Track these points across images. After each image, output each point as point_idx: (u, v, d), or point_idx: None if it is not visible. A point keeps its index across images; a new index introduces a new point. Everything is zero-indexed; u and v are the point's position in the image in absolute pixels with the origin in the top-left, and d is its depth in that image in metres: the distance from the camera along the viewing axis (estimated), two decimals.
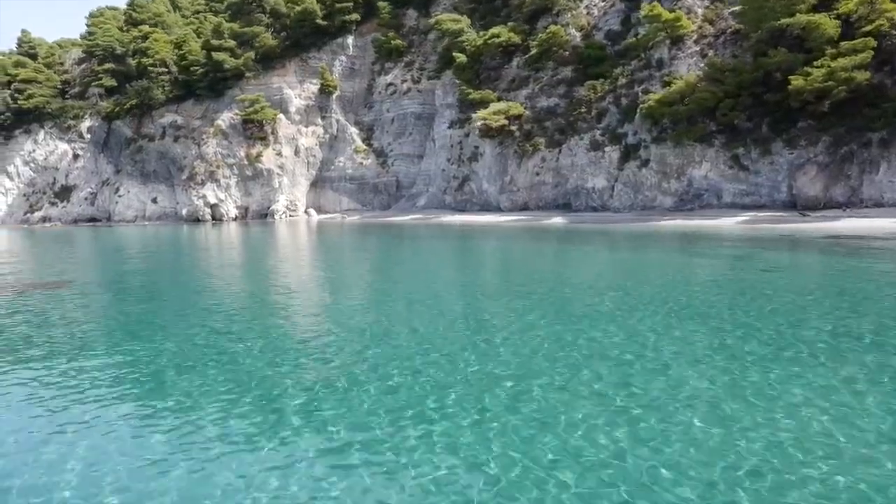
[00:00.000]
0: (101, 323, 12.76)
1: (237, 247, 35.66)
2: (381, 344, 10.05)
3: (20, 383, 8.47)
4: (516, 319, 11.56)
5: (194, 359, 9.36)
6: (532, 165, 51.75)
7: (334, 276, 20.23)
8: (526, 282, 17.09)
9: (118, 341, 10.97)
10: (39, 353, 10.21)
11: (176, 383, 8.30)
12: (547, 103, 53.24)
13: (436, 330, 10.88)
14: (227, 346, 10.18)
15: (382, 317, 12.31)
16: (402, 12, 74.07)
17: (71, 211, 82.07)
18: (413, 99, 69.58)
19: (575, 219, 43.03)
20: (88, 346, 10.54)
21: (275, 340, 10.58)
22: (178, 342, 10.47)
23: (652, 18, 43.04)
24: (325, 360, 9.08)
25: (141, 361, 9.33)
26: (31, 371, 9.06)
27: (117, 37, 79.82)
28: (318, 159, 74.04)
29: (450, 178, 60.43)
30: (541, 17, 59.03)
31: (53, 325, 12.31)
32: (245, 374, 8.53)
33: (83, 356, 9.78)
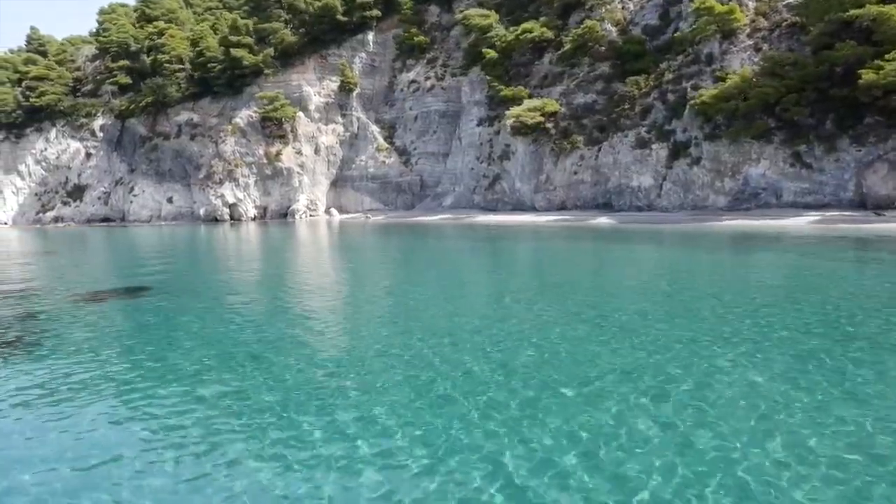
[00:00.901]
0: (223, 337, 10.66)
1: (272, 250, 33.47)
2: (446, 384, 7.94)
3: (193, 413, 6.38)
4: (609, 357, 9.24)
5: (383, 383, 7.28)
6: (570, 164, 49.70)
7: (394, 288, 18.02)
8: (600, 295, 14.90)
9: (249, 359, 8.88)
10: (210, 387, 8.10)
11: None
12: (584, 100, 51.19)
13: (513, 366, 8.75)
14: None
15: (451, 349, 10.22)
16: (423, 8, 71.86)
17: (84, 211, 79.59)
18: (437, 96, 67.41)
19: (623, 218, 40.99)
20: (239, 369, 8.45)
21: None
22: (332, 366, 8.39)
23: (703, 11, 40.99)
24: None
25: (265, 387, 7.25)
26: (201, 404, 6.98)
27: (132, 33, 77.32)
28: (338, 158, 71.81)
29: (479, 176, 58.32)
30: (573, 13, 57.01)
31: (208, 342, 10.20)
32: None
33: (246, 377, 7.65)
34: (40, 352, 10.10)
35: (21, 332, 11.62)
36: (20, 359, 9.68)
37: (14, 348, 10.42)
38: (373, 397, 7.32)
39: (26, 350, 10.38)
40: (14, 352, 10.14)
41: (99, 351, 10.02)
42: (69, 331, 11.76)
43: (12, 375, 8.83)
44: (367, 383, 7.85)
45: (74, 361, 9.41)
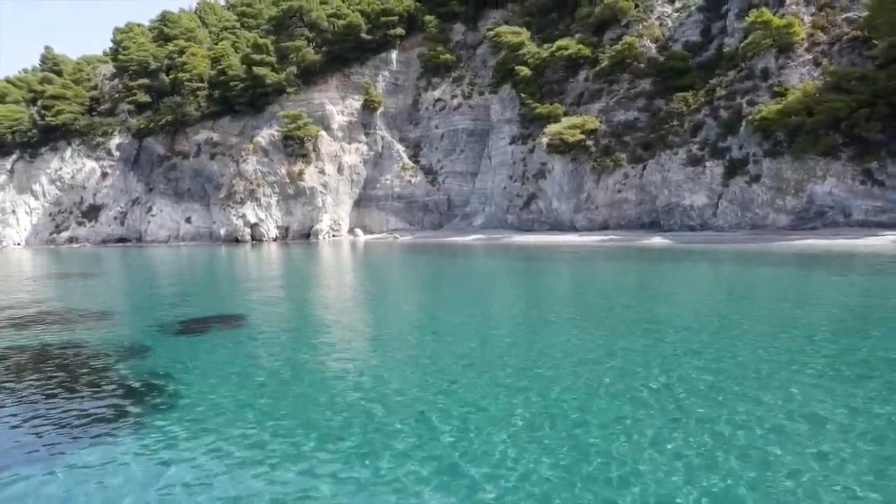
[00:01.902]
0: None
1: (319, 274, 31.23)
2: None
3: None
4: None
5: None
6: (612, 182, 47.78)
7: (473, 323, 15.77)
8: (694, 325, 12.66)
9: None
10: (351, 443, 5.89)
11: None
12: (625, 117, 49.46)
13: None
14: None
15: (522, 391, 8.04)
16: (448, 27, 70.52)
17: (100, 231, 77.26)
18: (464, 115, 65.75)
19: (677, 238, 38.90)
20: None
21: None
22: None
23: (758, 26, 39.38)
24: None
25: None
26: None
27: (152, 51, 75.72)
28: (361, 177, 69.85)
29: (512, 196, 56.34)
30: (607, 30, 55.59)
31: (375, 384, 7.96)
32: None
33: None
34: (186, 407, 7.84)
35: (145, 377, 9.35)
36: (171, 421, 7.41)
37: (152, 404, 8.14)
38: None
39: (170, 405, 8.11)
40: (157, 409, 7.86)
41: (262, 410, 7.75)
42: (198, 377, 9.49)
43: (192, 449, 6.60)
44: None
45: (241, 420, 7.15)
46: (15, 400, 8.50)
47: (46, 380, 9.69)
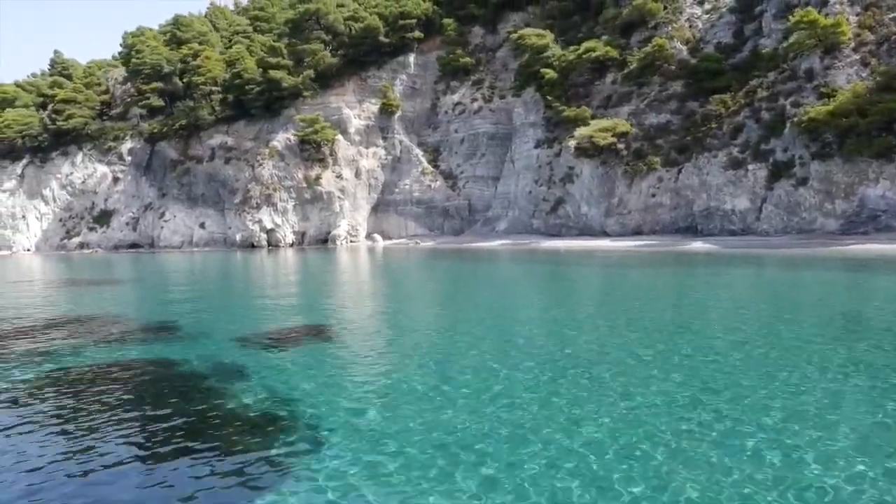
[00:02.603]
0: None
1: (356, 278, 29.69)
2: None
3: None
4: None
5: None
6: (646, 186, 46.40)
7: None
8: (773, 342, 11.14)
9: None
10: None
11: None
12: (657, 120, 48.15)
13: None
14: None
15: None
16: (467, 30, 69.32)
17: (111, 237, 75.60)
18: (485, 118, 64.42)
19: (720, 243, 37.42)
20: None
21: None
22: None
23: (804, 25, 38.09)
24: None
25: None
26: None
27: (165, 55, 74.30)
28: (379, 182, 68.38)
29: (538, 200, 54.89)
30: (634, 32, 54.35)
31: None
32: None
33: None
34: (335, 440, 6.29)
35: (266, 404, 7.77)
36: (332, 461, 5.85)
37: (295, 439, 6.58)
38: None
39: (314, 439, 6.57)
40: (305, 447, 6.30)
41: (423, 435, 6.21)
42: (326, 398, 7.94)
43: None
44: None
45: (409, 447, 5.60)
46: (130, 441, 6.96)
47: (155, 408, 8.16)
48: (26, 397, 8.89)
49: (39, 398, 8.82)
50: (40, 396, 8.91)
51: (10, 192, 77.95)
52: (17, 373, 10.32)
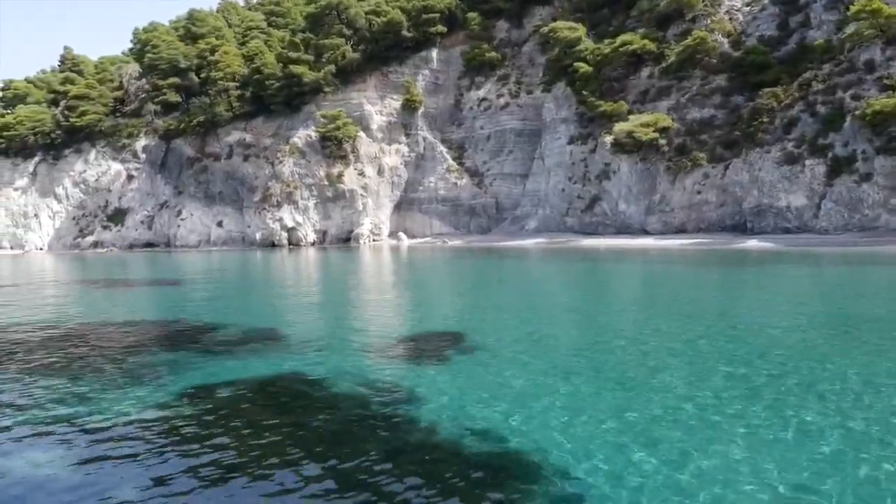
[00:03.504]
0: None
1: (427, 277, 27.87)
2: None
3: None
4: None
5: None
6: (691, 183, 44.67)
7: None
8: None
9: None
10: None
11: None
12: (699, 115, 46.43)
13: None
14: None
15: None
16: (491, 24, 67.40)
17: (126, 235, 73.54)
18: (512, 114, 62.57)
19: (778, 241, 35.69)
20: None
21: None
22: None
23: (865, 15, 36.39)
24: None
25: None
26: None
27: (182, 50, 72.24)
28: (402, 180, 66.47)
29: (572, 198, 53.11)
30: (671, 25, 52.63)
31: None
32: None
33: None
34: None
35: (476, 444, 5.96)
36: None
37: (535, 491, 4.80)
38: None
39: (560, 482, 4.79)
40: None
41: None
42: (534, 427, 6.14)
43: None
44: None
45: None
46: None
47: (338, 446, 6.38)
48: (185, 425, 7.05)
49: (197, 432, 6.97)
50: (194, 430, 7.06)
51: (23, 190, 75.88)
52: (156, 394, 8.47)
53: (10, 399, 8.59)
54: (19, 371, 10.26)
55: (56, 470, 5.97)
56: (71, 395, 8.62)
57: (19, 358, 11.38)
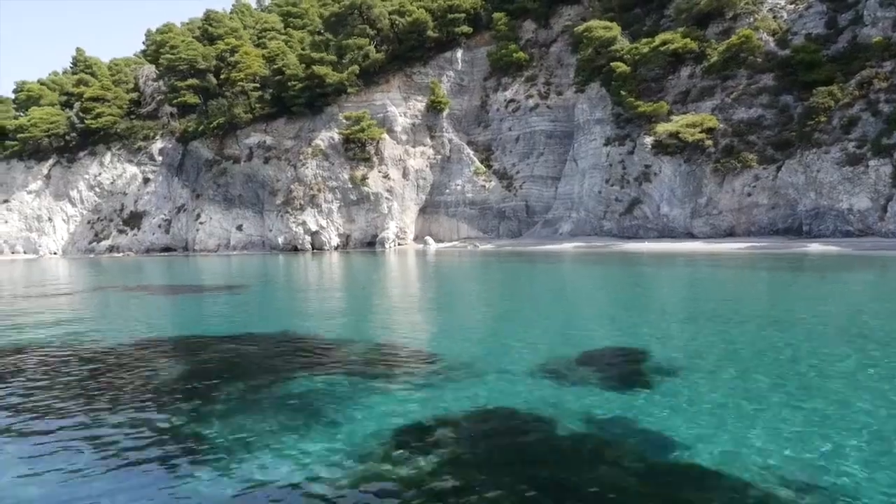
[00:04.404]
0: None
1: (532, 286, 26.00)
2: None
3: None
4: None
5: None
6: (740, 185, 42.97)
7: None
8: None
9: None
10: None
11: None
12: (747, 115, 44.76)
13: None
14: None
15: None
16: (518, 24, 65.72)
17: (143, 240, 71.55)
18: (542, 116, 60.84)
19: (842, 245, 33.96)
20: None
21: None
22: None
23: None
24: None
25: None
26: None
27: (201, 51, 70.37)
28: (428, 182, 64.64)
29: (609, 200, 51.36)
30: (711, 23, 51.03)
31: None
32: None
33: None
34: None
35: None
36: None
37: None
38: None
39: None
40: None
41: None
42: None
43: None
44: None
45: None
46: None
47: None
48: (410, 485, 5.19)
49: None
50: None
51: (36, 193, 73.94)
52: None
53: (168, 449, 6.71)
54: (143, 407, 8.37)
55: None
56: (224, 442, 6.74)
57: (126, 385, 9.48)
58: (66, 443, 6.94)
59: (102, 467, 6.26)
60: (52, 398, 8.83)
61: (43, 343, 13.18)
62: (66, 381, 9.88)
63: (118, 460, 6.42)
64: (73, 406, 8.40)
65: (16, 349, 12.59)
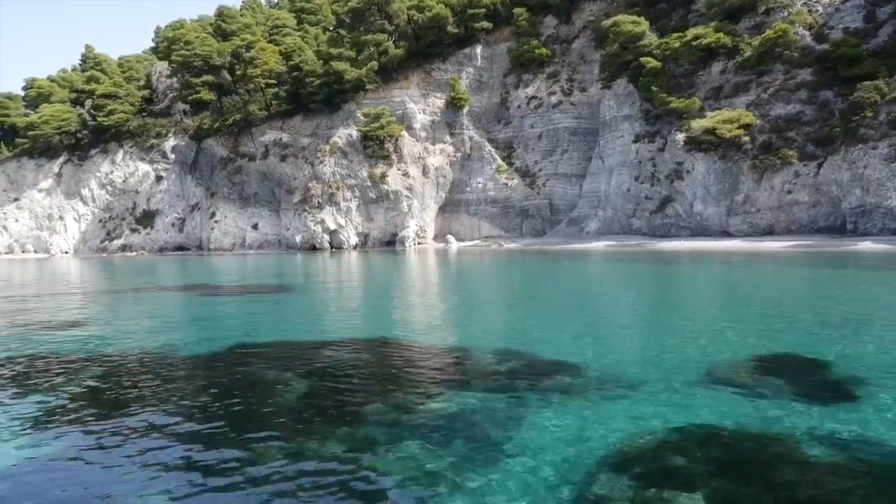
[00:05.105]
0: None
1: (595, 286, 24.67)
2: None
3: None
4: None
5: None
6: (779, 182, 41.73)
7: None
8: None
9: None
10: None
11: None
12: (785, 111, 43.51)
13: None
14: None
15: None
16: (539, 20, 64.39)
17: (156, 238, 70.10)
18: (566, 112, 59.53)
19: (894, 243, 32.76)
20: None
21: None
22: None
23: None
24: None
25: None
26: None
27: (216, 47, 68.88)
28: (448, 180, 63.27)
29: (639, 198, 50.10)
30: (742, 17, 49.76)
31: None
32: None
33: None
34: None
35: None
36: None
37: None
38: None
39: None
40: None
41: None
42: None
43: None
44: None
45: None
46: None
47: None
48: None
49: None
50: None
51: (47, 191, 72.41)
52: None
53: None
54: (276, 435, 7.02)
55: None
56: (390, 473, 5.42)
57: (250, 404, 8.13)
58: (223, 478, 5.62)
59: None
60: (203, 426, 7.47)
61: (163, 353, 11.79)
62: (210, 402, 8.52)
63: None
64: (215, 433, 7.06)
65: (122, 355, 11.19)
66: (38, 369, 10.43)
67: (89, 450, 6.48)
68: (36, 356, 11.52)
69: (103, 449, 6.48)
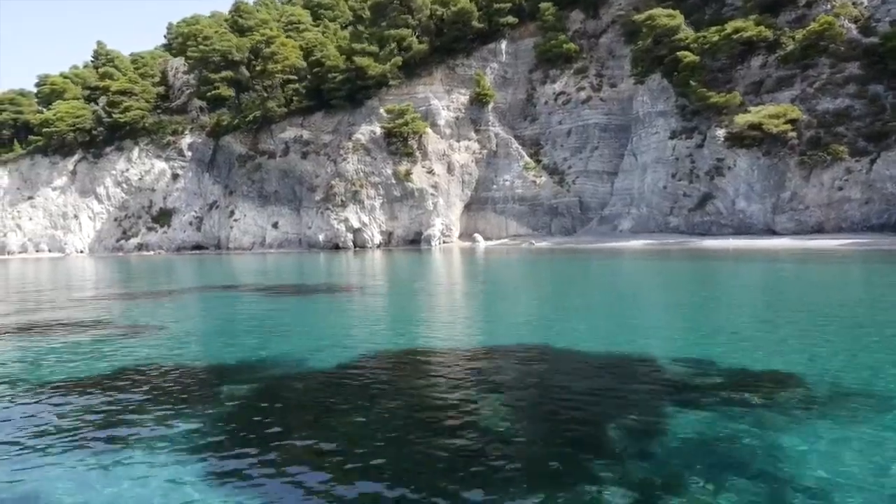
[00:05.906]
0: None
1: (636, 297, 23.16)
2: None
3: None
4: None
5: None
6: (829, 179, 40.35)
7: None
8: None
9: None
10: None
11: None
12: (832, 105, 42.13)
13: None
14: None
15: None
16: (565, 15, 62.92)
17: (174, 237, 68.52)
18: (595, 108, 58.08)
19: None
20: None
21: None
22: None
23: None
24: None
25: None
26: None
27: (235, 42, 67.26)
28: (473, 178, 61.79)
29: (677, 196, 48.69)
30: (782, 11, 48.40)
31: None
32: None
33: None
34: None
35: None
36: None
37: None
38: None
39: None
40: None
41: None
42: None
43: None
44: None
45: None
46: None
47: None
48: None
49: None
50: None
51: (62, 189, 70.76)
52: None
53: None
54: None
55: None
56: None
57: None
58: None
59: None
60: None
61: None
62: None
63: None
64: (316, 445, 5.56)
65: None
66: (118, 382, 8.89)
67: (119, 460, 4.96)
68: (124, 366, 9.98)
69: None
